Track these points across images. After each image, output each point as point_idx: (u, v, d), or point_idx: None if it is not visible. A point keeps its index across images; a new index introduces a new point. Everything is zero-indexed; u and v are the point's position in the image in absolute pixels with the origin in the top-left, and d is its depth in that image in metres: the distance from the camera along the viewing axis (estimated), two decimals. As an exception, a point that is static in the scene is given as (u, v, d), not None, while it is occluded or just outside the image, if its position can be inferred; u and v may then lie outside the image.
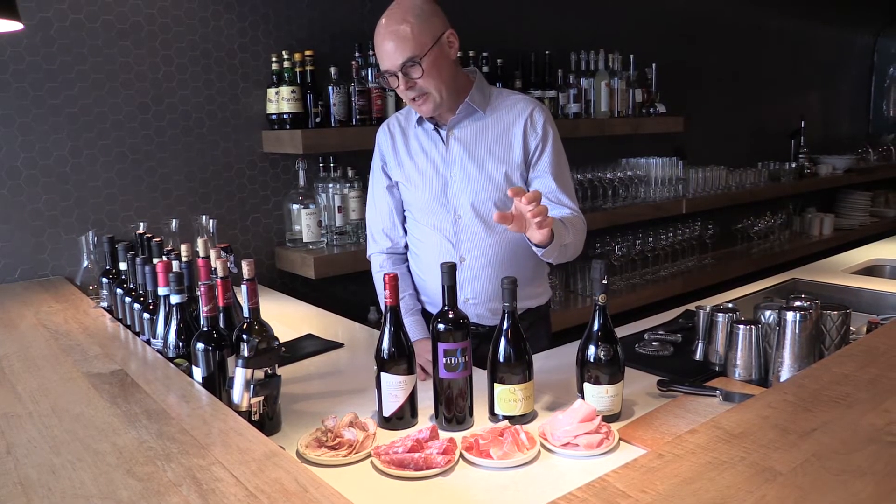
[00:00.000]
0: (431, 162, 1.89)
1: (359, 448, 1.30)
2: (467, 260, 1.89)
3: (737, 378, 1.65)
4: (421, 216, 1.93)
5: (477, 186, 1.84)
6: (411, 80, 1.72)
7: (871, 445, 1.01)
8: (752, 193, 4.44)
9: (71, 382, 1.42)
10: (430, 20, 1.72)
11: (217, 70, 2.72)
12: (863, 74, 6.48)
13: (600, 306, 1.45)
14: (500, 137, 1.85)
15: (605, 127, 3.63)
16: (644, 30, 4.20)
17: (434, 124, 1.88)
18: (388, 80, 1.75)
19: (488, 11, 3.51)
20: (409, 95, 1.75)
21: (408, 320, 1.83)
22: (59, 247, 2.45)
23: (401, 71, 1.70)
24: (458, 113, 1.84)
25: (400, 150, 1.93)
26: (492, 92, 1.89)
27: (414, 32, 1.68)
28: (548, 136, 1.85)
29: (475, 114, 1.85)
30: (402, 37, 1.68)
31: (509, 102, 1.87)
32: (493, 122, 1.85)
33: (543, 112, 1.86)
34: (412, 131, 1.93)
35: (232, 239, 2.78)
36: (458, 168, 1.86)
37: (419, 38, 1.68)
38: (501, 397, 1.43)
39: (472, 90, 1.84)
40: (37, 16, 2.33)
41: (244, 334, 1.41)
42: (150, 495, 0.97)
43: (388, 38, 1.69)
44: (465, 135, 1.86)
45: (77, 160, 2.46)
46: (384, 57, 1.72)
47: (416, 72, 1.70)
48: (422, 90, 1.74)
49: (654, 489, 0.92)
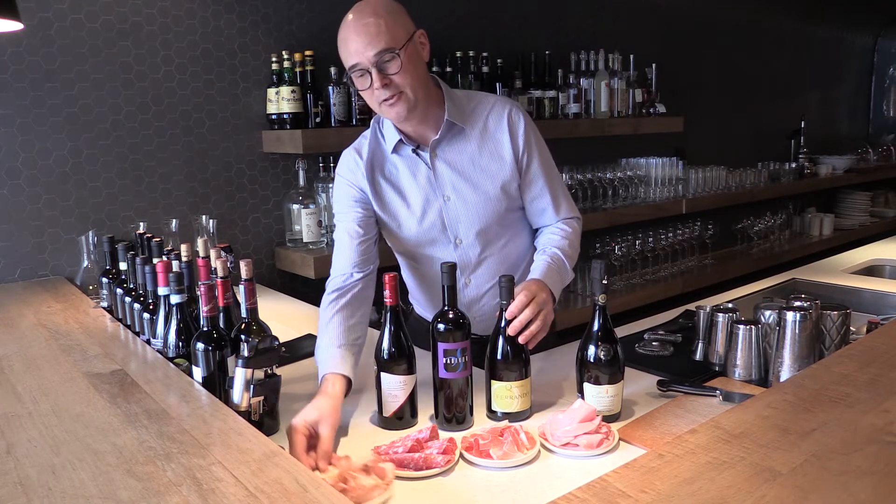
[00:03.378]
0: (420, 190, 1.73)
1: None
2: (472, 282, 1.81)
3: (737, 378, 1.65)
4: (417, 248, 1.79)
5: (476, 208, 1.73)
6: (386, 76, 1.54)
7: (871, 445, 1.01)
8: (752, 193, 4.44)
9: (71, 382, 1.42)
10: (401, 16, 1.59)
11: (217, 70, 2.72)
12: (863, 74, 6.49)
13: (600, 306, 1.45)
14: (487, 150, 1.72)
15: (605, 127, 3.63)
16: (644, 30, 4.20)
17: (414, 147, 1.71)
18: (357, 80, 1.57)
19: (488, 11, 3.51)
20: (382, 95, 1.56)
21: (330, 352, 1.53)
22: (59, 247, 2.45)
23: (374, 66, 1.53)
24: (439, 133, 1.69)
25: (380, 182, 1.74)
26: (461, 100, 1.73)
27: (388, 25, 1.53)
28: (530, 137, 1.74)
29: (454, 128, 1.70)
30: (376, 29, 1.52)
31: (483, 107, 1.73)
32: (475, 135, 1.72)
33: (519, 111, 1.74)
34: (388, 159, 1.74)
35: (232, 239, 2.78)
36: (450, 192, 1.72)
37: (393, 31, 1.53)
38: (498, 394, 1.44)
39: (446, 103, 1.68)
40: (37, 16, 2.33)
41: (242, 334, 1.41)
42: (150, 495, 0.97)
43: (360, 32, 1.53)
44: (451, 153, 1.72)
45: (77, 160, 2.46)
46: (355, 50, 1.54)
47: (393, 66, 1.54)
48: (397, 88, 1.56)
49: (654, 489, 0.92)
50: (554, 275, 1.66)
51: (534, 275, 1.65)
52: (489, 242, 1.78)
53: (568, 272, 1.73)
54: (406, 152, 1.73)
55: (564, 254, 1.73)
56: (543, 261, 1.69)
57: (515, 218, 1.81)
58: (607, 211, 3.53)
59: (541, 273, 1.64)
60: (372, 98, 1.59)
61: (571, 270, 1.76)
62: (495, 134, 1.72)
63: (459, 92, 1.77)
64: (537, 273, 1.64)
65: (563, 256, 1.73)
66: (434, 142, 1.70)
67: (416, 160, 1.73)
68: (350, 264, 1.69)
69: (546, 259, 1.69)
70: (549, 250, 1.73)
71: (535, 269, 1.68)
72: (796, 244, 4.76)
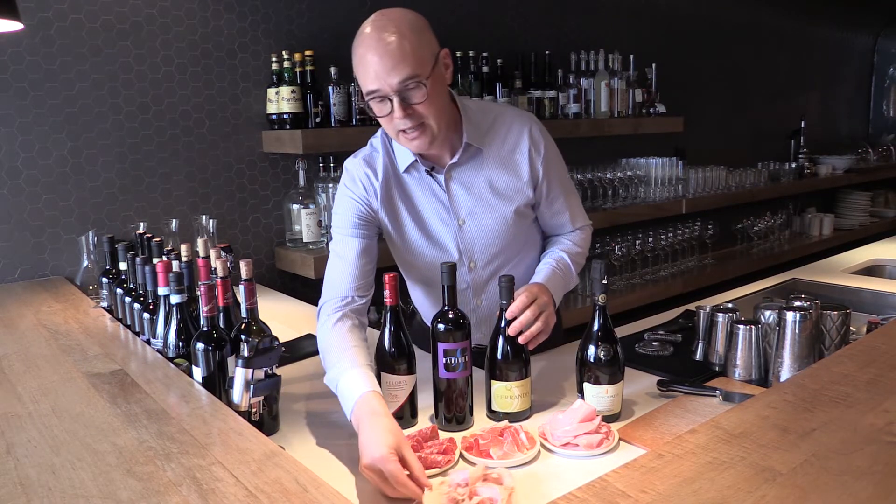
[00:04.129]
0: (435, 212, 1.64)
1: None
2: (484, 303, 1.74)
3: (737, 378, 1.65)
4: (431, 271, 1.68)
5: (490, 231, 1.65)
6: (409, 105, 1.42)
7: (871, 445, 1.01)
8: (752, 193, 4.45)
9: (71, 382, 1.42)
10: (426, 34, 1.45)
11: (217, 70, 2.72)
12: (863, 74, 6.49)
13: (600, 306, 1.45)
14: (505, 173, 1.63)
15: (605, 127, 3.63)
16: (644, 30, 4.21)
17: (429, 168, 1.62)
18: (375, 106, 1.44)
19: (488, 11, 3.51)
20: (404, 125, 1.44)
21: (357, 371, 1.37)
22: (59, 247, 2.45)
23: (397, 94, 1.40)
24: (457, 156, 1.59)
25: (396, 201, 1.63)
26: (477, 116, 1.62)
27: (413, 47, 1.39)
28: (551, 159, 1.67)
29: (470, 149, 1.61)
30: (400, 53, 1.38)
31: (501, 125, 1.64)
32: (492, 155, 1.62)
33: (539, 127, 1.66)
34: (399, 178, 1.64)
35: (232, 239, 2.78)
36: (466, 215, 1.64)
37: (419, 55, 1.39)
38: (498, 394, 1.44)
39: (463, 124, 1.58)
40: (37, 16, 2.33)
41: (242, 334, 1.42)
42: (150, 495, 0.97)
43: (382, 54, 1.38)
44: (466, 176, 1.62)
45: (77, 160, 2.46)
46: (375, 75, 1.39)
47: (417, 95, 1.41)
48: (419, 119, 1.44)
49: (654, 489, 0.92)
50: (557, 280, 1.64)
51: (536, 278, 1.63)
52: (504, 263, 1.71)
53: (573, 277, 1.71)
54: (420, 173, 1.63)
55: (571, 259, 1.71)
56: (548, 265, 1.67)
57: (528, 231, 1.75)
58: (607, 211, 3.53)
59: (543, 277, 1.62)
60: (390, 126, 1.48)
61: (577, 276, 1.74)
62: (514, 155, 1.63)
63: (473, 105, 1.66)
64: (540, 277, 1.63)
65: (570, 261, 1.70)
66: (451, 164, 1.61)
67: (430, 182, 1.63)
68: (350, 287, 1.56)
69: (551, 263, 1.68)
70: (556, 254, 1.72)
71: (538, 273, 1.66)
72: (796, 244, 4.77)
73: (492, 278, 1.72)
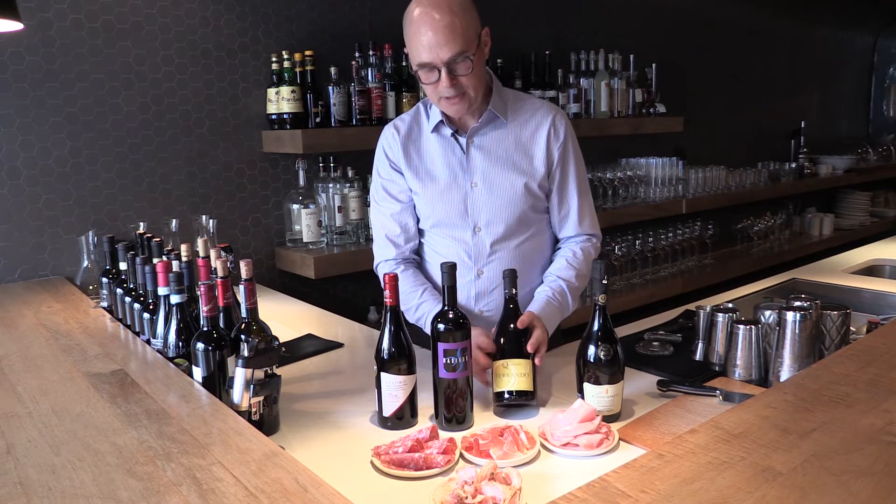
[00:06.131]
0: (450, 170, 1.78)
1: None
2: (485, 273, 1.80)
3: (737, 378, 1.65)
4: (437, 228, 1.82)
5: (499, 199, 1.75)
6: (455, 77, 1.61)
7: (871, 445, 1.01)
8: (752, 193, 4.45)
9: (71, 382, 1.42)
10: (473, 14, 1.63)
11: (217, 70, 2.72)
12: (863, 74, 6.49)
13: (600, 306, 1.45)
14: (522, 146, 1.76)
15: (605, 127, 3.63)
16: (644, 30, 4.20)
17: (453, 130, 1.77)
18: (423, 74, 1.63)
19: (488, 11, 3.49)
20: (447, 93, 1.62)
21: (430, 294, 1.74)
22: (59, 247, 2.45)
23: (445, 66, 1.59)
24: (479, 120, 1.74)
25: (413, 157, 1.80)
26: (508, 96, 1.80)
27: (463, 26, 1.57)
28: (568, 146, 1.79)
29: (495, 120, 1.76)
30: (451, 30, 1.56)
31: (528, 108, 1.79)
32: (514, 130, 1.77)
33: (564, 119, 1.80)
34: (426, 137, 1.80)
35: (232, 239, 2.78)
36: (479, 178, 1.76)
37: (467, 33, 1.58)
38: (497, 372, 1.48)
39: (492, 96, 1.75)
40: (37, 16, 2.33)
41: (242, 334, 1.41)
42: (150, 495, 0.97)
43: (436, 30, 1.56)
44: (487, 143, 1.77)
45: (77, 160, 2.46)
46: (428, 47, 1.57)
47: (463, 68, 1.60)
48: (461, 88, 1.63)
49: (654, 489, 0.92)
50: (555, 312, 1.70)
51: (532, 307, 1.68)
52: (507, 236, 1.78)
53: (569, 307, 1.77)
54: (445, 133, 1.78)
55: (570, 286, 1.76)
56: (545, 295, 1.72)
57: (538, 219, 1.82)
58: (607, 211, 3.53)
59: (539, 308, 1.67)
60: (434, 92, 1.65)
61: (575, 301, 1.79)
62: (534, 135, 1.77)
63: (510, 91, 1.83)
64: (536, 307, 1.68)
65: (567, 289, 1.75)
66: (473, 128, 1.75)
67: (453, 143, 1.78)
68: (397, 244, 1.83)
69: (548, 293, 1.72)
70: (555, 283, 1.76)
71: (535, 301, 1.71)
72: (796, 244, 4.77)
73: (493, 252, 1.78)
